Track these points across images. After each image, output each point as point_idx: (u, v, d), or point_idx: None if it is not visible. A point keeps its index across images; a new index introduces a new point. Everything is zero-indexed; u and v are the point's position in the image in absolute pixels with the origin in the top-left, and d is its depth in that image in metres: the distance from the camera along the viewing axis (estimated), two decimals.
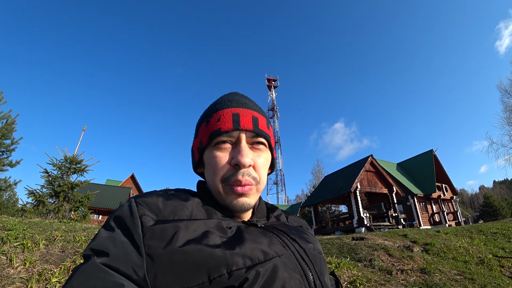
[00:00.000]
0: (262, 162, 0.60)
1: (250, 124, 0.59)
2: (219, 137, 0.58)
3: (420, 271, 4.48)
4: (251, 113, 0.60)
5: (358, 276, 3.62)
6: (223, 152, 0.57)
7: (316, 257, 0.57)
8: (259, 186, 0.59)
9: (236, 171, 0.56)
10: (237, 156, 0.55)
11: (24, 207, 7.39)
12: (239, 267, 0.44)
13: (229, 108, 0.60)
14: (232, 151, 0.58)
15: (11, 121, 10.49)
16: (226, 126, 0.57)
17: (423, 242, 6.68)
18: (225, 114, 0.59)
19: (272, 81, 55.49)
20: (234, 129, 0.57)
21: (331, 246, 6.22)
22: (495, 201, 36.32)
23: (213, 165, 0.57)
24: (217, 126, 0.58)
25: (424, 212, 20.91)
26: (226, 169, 0.56)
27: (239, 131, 0.58)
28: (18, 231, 2.75)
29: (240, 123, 0.58)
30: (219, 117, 0.59)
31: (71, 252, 2.56)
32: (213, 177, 0.58)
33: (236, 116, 0.58)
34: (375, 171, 17.46)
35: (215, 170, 0.57)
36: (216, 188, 0.57)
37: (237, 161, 0.55)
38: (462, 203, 64.19)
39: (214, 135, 0.58)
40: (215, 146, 0.58)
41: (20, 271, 2.02)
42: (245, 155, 0.55)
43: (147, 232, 0.46)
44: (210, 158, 0.58)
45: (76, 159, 8.23)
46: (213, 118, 0.59)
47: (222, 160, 0.57)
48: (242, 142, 0.57)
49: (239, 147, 0.57)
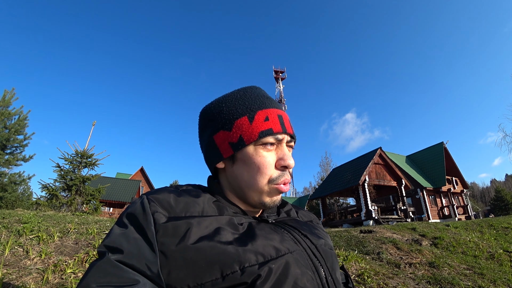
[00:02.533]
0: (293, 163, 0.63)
1: (291, 128, 0.62)
2: (268, 138, 0.57)
3: (429, 265, 4.45)
4: (287, 116, 0.63)
5: (366, 269, 3.62)
6: (269, 153, 0.58)
7: (328, 253, 0.57)
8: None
9: (284, 172, 0.58)
10: (287, 159, 0.58)
11: (38, 200, 7.61)
12: (252, 264, 0.45)
13: (273, 109, 0.60)
14: (276, 152, 0.59)
15: (23, 117, 10.73)
16: (276, 128, 0.58)
17: (432, 235, 6.62)
18: (272, 114, 0.59)
19: (280, 73, 55.03)
20: (282, 132, 0.59)
21: (339, 239, 6.23)
22: (507, 195, 35.58)
23: (260, 164, 0.57)
24: (268, 126, 0.57)
25: (433, 205, 20.66)
26: (273, 169, 0.58)
27: (285, 134, 0.60)
28: (34, 224, 2.84)
29: (285, 126, 0.60)
30: (266, 116, 0.58)
31: (84, 244, 2.63)
32: (257, 176, 0.57)
33: (281, 119, 0.60)
34: (384, 164, 17.28)
35: (263, 170, 0.57)
36: (259, 188, 0.57)
37: (287, 164, 0.57)
38: (472, 196, 63.12)
39: (264, 135, 0.57)
40: (262, 146, 0.57)
41: (37, 263, 2.09)
42: (291, 158, 0.58)
43: (160, 229, 0.47)
44: (255, 157, 0.57)
45: (87, 153, 8.39)
46: (260, 116, 0.58)
47: (270, 160, 0.58)
48: (285, 145, 0.60)
49: (284, 150, 0.59)
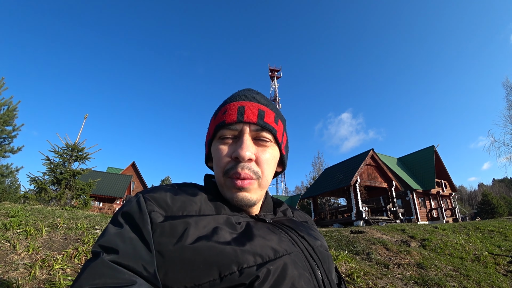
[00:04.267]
0: (266, 158, 0.58)
1: (255, 116, 0.58)
2: (223, 130, 0.58)
3: (417, 266, 4.53)
4: (257, 106, 0.59)
5: (355, 269, 3.67)
6: (225, 145, 0.57)
7: (324, 254, 0.57)
8: (261, 181, 0.58)
9: (236, 163, 0.55)
10: (237, 149, 0.55)
11: (26, 193, 7.46)
12: (250, 265, 0.44)
13: (236, 102, 0.59)
14: (234, 144, 0.57)
15: (13, 107, 10.47)
16: (230, 118, 0.57)
17: (420, 237, 6.73)
18: (231, 107, 0.59)
19: (275, 71, 54.99)
20: (237, 121, 0.57)
21: (330, 239, 6.28)
22: (493, 199, 36.44)
23: (216, 157, 0.58)
24: (222, 119, 0.58)
25: (422, 207, 21.02)
26: (227, 161, 0.56)
27: (243, 123, 0.57)
28: (21, 217, 2.78)
29: (244, 115, 0.57)
30: (225, 110, 0.59)
31: (74, 239, 2.59)
32: (217, 169, 0.58)
33: (241, 109, 0.58)
34: (376, 165, 17.48)
35: (218, 162, 0.57)
36: (220, 181, 0.58)
37: (237, 154, 0.54)
38: (460, 199, 64.49)
39: (218, 127, 0.58)
40: (219, 139, 0.58)
41: (24, 258, 2.05)
42: (245, 148, 0.55)
43: (157, 229, 0.46)
44: (215, 151, 0.59)
45: (78, 146, 8.25)
46: (220, 111, 0.60)
47: (223, 152, 0.57)
48: (244, 135, 0.57)
49: (241, 140, 0.56)
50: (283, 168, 0.68)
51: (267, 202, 0.67)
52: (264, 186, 0.59)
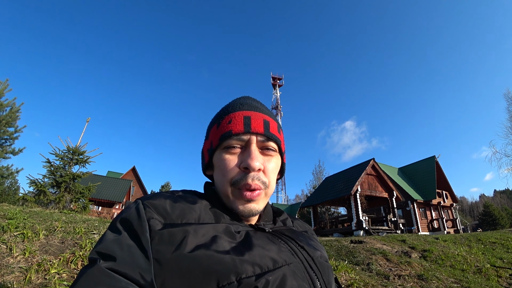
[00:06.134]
0: (272, 167, 0.59)
1: (261, 127, 0.58)
2: (230, 140, 0.57)
3: (418, 277, 4.46)
4: (262, 116, 0.60)
5: (355, 280, 3.62)
6: (232, 155, 0.57)
7: (324, 265, 0.56)
8: (267, 190, 0.58)
9: (246, 174, 0.55)
10: (247, 160, 0.55)
11: (25, 196, 7.42)
12: (249, 275, 0.43)
13: (241, 111, 0.59)
14: (242, 154, 0.57)
15: (16, 109, 10.53)
16: (237, 128, 0.57)
17: (421, 248, 6.66)
18: (237, 117, 0.58)
19: (278, 79, 55.39)
20: (245, 131, 0.57)
21: (330, 248, 6.22)
22: (495, 210, 36.16)
23: (222, 167, 0.57)
24: (228, 128, 0.57)
25: (423, 218, 20.84)
26: (236, 172, 0.56)
27: (250, 134, 0.57)
28: (19, 220, 2.76)
29: (251, 126, 0.57)
30: (230, 119, 0.58)
31: (71, 244, 2.57)
32: (222, 180, 0.57)
33: (247, 119, 0.58)
34: (376, 175, 17.41)
35: (224, 173, 0.56)
36: (225, 192, 0.57)
37: (246, 164, 0.54)
38: (461, 210, 63.97)
39: (224, 137, 0.57)
40: (225, 149, 0.58)
41: (20, 261, 2.03)
42: (255, 158, 0.55)
43: (155, 236, 0.45)
44: (220, 161, 0.58)
45: (79, 150, 8.25)
46: (225, 120, 0.59)
47: (231, 162, 0.56)
48: (252, 146, 0.57)
49: (249, 150, 0.56)
50: (282, 175, 0.69)
51: (267, 211, 0.66)
52: (269, 195, 0.60)
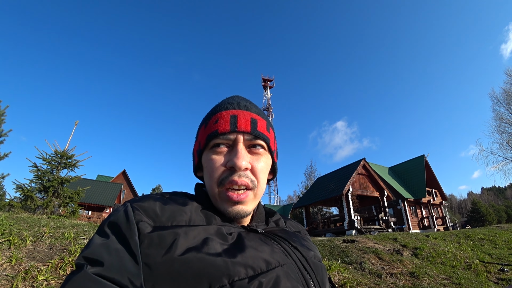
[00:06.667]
0: (261, 166, 0.58)
1: (248, 126, 0.57)
2: (216, 139, 0.56)
3: (409, 275, 4.53)
4: (249, 115, 0.59)
5: (348, 279, 3.64)
6: (219, 155, 0.56)
7: (318, 266, 0.55)
8: (256, 190, 0.57)
9: (232, 173, 0.54)
10: (233, 159, 0.54)
11: (11, 201, 7.20)
12: (241, 277, 0.42)
13: (227, 110, 0.58)
14: (229, 154, 0.56)
15: (0, 112, 10.25)
16: (223, 127, 0.56)
17: (412, 246, 6.76)
18: (223, 116, 0.57)
19: (268, 81, 55.57)
20: (231, 130, 0.56)
21: (322, 248, 6.25)
22: (482, 207, 37.10)
23: (209, 168, 0.56)
24: (215, 128, 0.56)
25: (413, 216, 21.18)
26: (221, 171, 0.55)
27: (236, 133, 0.56)
28: (5, 226, 2.68)
29: (238, 124, 0.56)
30: (217, 119, 0.58)
31: (59, 250, 2.51)
32: (209, 180, 0.56)
33: (234, 118, 0.57)
34: (367, 175, 17.62)
35: (211, 173, 0.55)
36: (213, 192, 0.56)
37: (232, 164, 0.53)
38: (450, 208, 65.31)
39: (211, 137, 0.56)
40: (212, 149, 0.57)
41: (6, 269, 1.97)
42: (241, 157, 0.54)
43: (145, 240, 0.44)
44: (207, 161, 0.57)
45: (67, 153, 8.07)
46: (211, 120, 0.58)
47: (217, 162, 0.55)
48: (239, 145, 0.56)
49: (235, 150, 0.55)
50: (274, 175, 0.68)
51: (259, 212, 0.65)
52: (259, 196, 0.58)
